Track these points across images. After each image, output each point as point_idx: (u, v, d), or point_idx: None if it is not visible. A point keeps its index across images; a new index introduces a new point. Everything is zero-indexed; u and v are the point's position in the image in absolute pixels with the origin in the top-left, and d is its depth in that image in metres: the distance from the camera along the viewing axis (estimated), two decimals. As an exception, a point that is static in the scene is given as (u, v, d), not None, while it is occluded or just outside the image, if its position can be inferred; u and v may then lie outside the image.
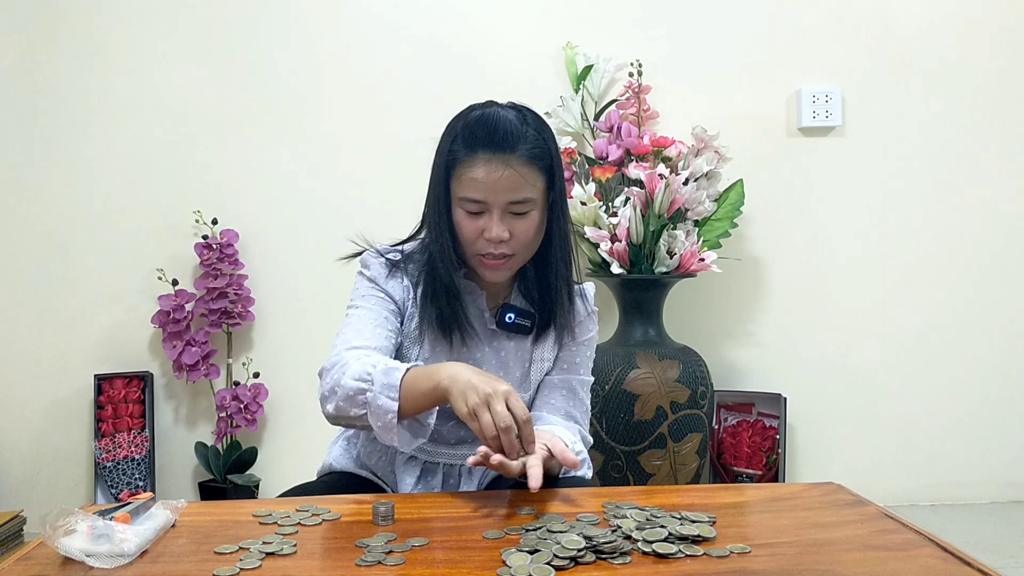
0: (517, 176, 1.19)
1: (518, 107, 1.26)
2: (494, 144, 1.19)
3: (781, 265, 2.67)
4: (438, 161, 1.26)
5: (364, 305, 1.28)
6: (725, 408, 2.56)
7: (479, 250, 1.23)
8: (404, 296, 1.30)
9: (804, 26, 2.64)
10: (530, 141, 1.21)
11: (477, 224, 1.22)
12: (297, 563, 0.88)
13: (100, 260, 2.58)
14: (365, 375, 1.12)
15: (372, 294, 1.29)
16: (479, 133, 1.20)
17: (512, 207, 1.21)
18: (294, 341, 2.61)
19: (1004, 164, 2.67)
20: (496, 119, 1.21)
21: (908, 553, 0.89)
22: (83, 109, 2.57)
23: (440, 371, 1.09)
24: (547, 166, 1.23)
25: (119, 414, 2.52)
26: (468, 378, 1.06)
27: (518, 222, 1.22)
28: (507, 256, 1.23)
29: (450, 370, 1.08)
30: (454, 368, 1.09)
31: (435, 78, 2.60)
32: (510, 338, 1.32)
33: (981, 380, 2.68)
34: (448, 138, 1.24)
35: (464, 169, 1.21)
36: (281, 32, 2.60)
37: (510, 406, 1.03)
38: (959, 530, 2.43)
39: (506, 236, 1.21)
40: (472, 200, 1.21)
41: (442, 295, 1.26)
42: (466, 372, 1.07)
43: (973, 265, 2.68)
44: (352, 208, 2.57)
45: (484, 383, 1.05)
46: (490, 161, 1.19)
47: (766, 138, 2.65)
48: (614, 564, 0.86)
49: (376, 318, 1.26)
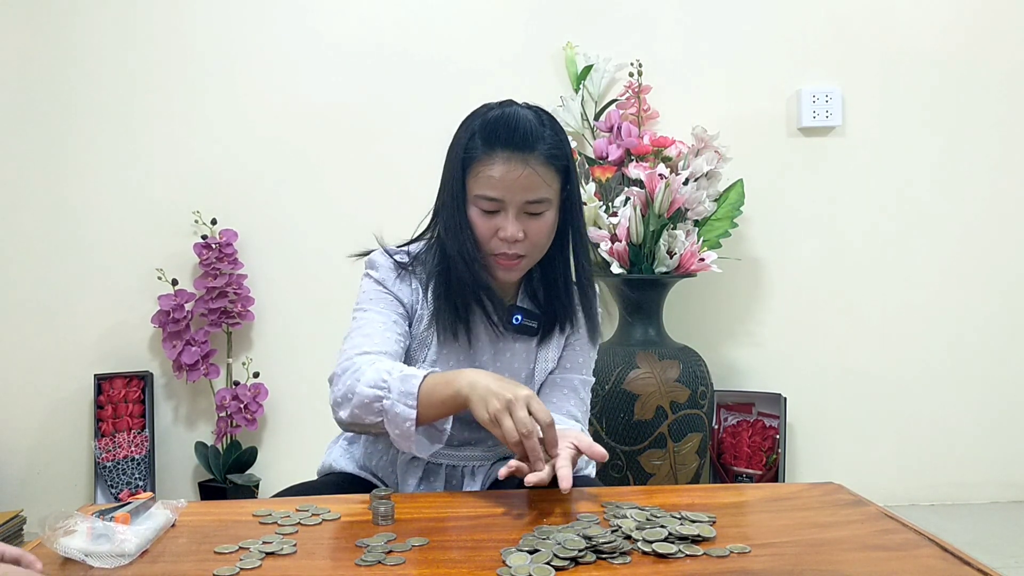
0: (535, 176, 1.20)
1: (534, 108, 1.27)
2: (514, 143, 1.19)
3: (781, 265, 2.67)
4: (453, 158, 1.25)
5: (372, 308, 1.26)
6: (725, 408, 2.56)
7: (492, 249, 1.23)
8: (412, 299, 1.29)
9: (804, 26, 2.64)
10: (548, 141, 1.22)
11: (492, 223, 1.22)
12: (297, 563, 0.88)
13: (100, 260, 2.58)
14: (381, 382, 1.11)
15: (380, 297, 1.28)
16: (500, 131, 1.20)
17: (528, 207, 1.21)
18: (294, 341, 2.61)
19: (1004, 164, 2.67)
20: (516, 118, 1.21)
21: (908, 553, 0.89)
22: (82, 110, 2.57)
23: (459, 378, 1.08)
24: (563, 167, 1.24)
25: (119, 414, 2.52)
26: (488, 384, 1.05)
27: (533, 222, 1.22)
28: (520, 256, 1.23)
29: (469, 377, 1.07)
30: (473, 375, 1.07)
31: (435, 77, 2.60)
32: (516, 339, 1.32)
33: (981, 380, 2.68)
34: (465, 135, 1.24)
35: (482, 167, 1.21)
36: (280, 32, 2.60)
37: (532, 411, 1.02)
38: (959, 530, 2.43)
39: (520, 236, 1.21)
40: (488, 198, 1.21)
41: (459, 294, 1.25)
42: (485, 378, 1.06)
43: (973, 265, 2.68)
44: (351, 207, 2.58)
45: (504, 389, 1.04)
46: (509, 160, 1.19)
47: (766, 138, 2.65)
48: (614, 564, 0.86)
49: (385, 321, 1.24)
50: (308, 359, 2.55)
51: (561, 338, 1.35)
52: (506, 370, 1.32)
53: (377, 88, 2.61)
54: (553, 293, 1.31)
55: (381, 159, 2.61)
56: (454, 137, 1.26)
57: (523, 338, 1.32)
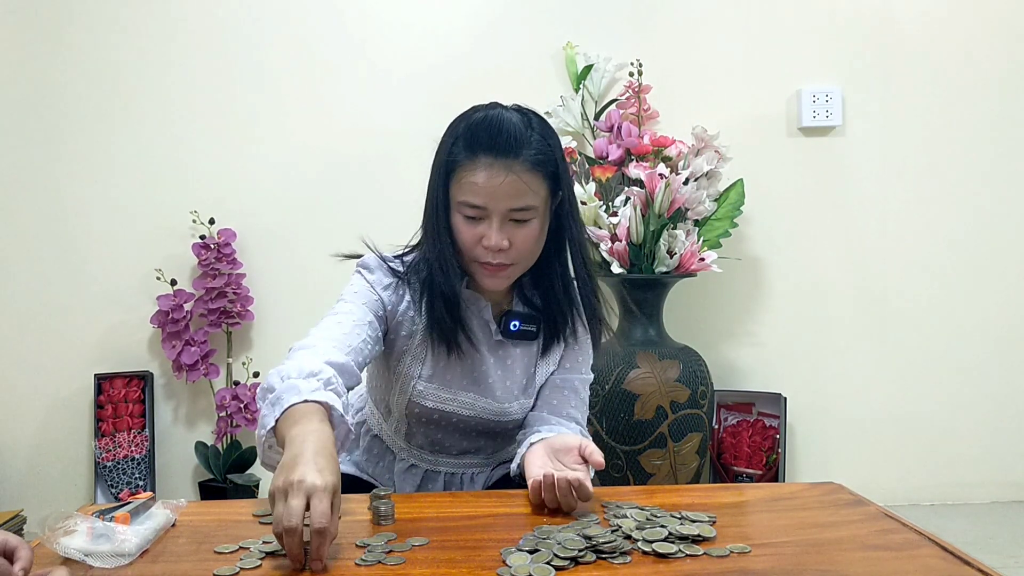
0: (519, 182, 1.15)
1: (523, 110, 1.22)
2: (497, 148, 1.15)
3: (781, 265, 2.67)
4: (437, 163, 1.22)
5: (354, 302, 1.24)
6: (725, 408, 2.56)
7: (477, 257, 1.19)
8: (401, 309, 1.26)
9: (804, 26, 2.64)
10: (534, 146, 1.17)
11: (476, 230, 1.18)
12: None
13: (99, 260, 2.58)
14: (280, 378, 1.04)
15: (366, 295, 1.25)
16: (481, 136, 1.16)
17: (513, 214, 1.17)
18: (294, 340, 2.59)
19: (1004, 164, 2.67)
20: (500, 122, 1.17)
21: (908, 553, 0.89)
22: (82, 110, 2.57)
23: (296, 433, 0.94)
24: (551, 173, 1.19)
25: (119, 414, 2.52)
26: (295, 455, 0.90)
27: (518, 230, 1.18)
28: (505, 265, 1.20)
29: (297, 440, 0.92)
30: (302, 438, 0.92)
31: (435, 77, 2.60)
32: (515, 345, 1.30)
33: (981, 380, 2.68)
34: (449, 139, 1.20)
35: (464, 173, 1.17)
36: (279, 31, 2.60)
37: (312, 507, 0.85)
38: (959, 530, 2.43)
39: (505, 245, 1.17)
40: (471, 205, 1.17)
41: (443, 306, 1.21)
42: (301, 447, 0.91)
43: (973, 265, 2.68)
44: (350, 206, 2.57)
45: (300, 468, 0.87)
46: (492, 166, 1.15)
47: (766, 138, 2.65)
48: (614, 564, 0.87)
49: (360, 320, 1.21)
50: (308, 359, 2.55)
51: (561, 344, 1.33)
52: (507, 377, 1.30)
53: (376, 88, 2.61)
54: (551, 300, 1.28)
55: (379, 157, 2.60)
56: (440, 141, 1.23)
57: (523, 343, 1.30)
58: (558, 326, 1.29)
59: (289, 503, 0.85)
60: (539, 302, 1.30)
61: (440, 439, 1.32)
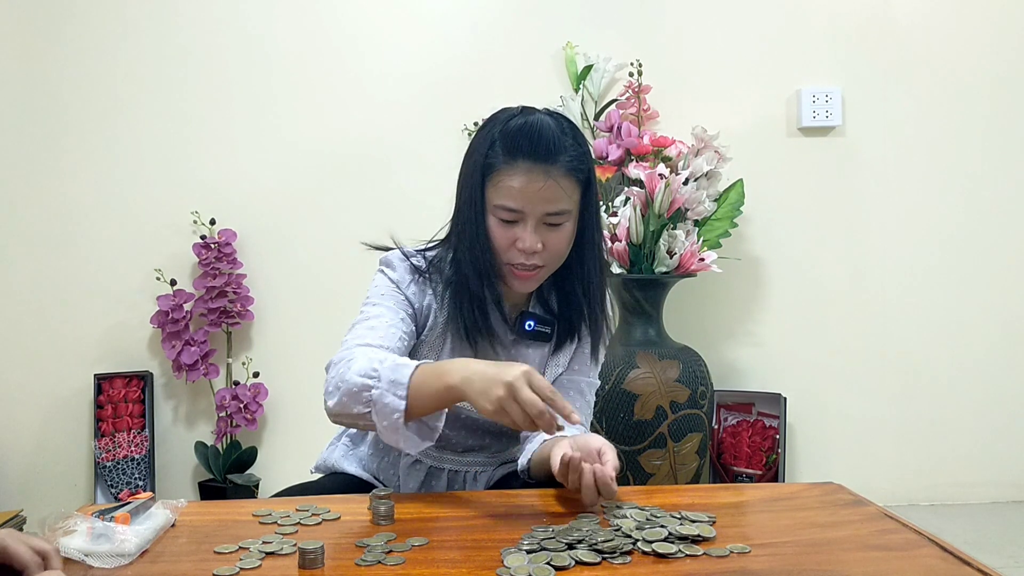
0: (556, 187, 1.17)
1: (555, 115, 1.23)
2: (536, 154, 1.17)
3: (781, 265, 2.67)
4: (471, 166, 1.22)
5: (382, 303, 1.24)
6: (725, 408, 2.56)
7: (510, 259, 1.21)
8: (425, 303, 1.27)
9: (804, 26, 2.64)
10: (570, 152, 1.19)
11: (510, 233, 1.19)
12: (297, 563, 0.87)
13: (99, 260, 2.58)
14: (371, 371, 1.07)
15: (392, 294, 1.25)
16: (521, 142, 1.18)
17: (548, 218, 1.18)
18: (294, 340, 2.61)
19: (1003, 164, 2.67)
20: (540, 128, 1.18)
21: (908, 553, 0.89)
22: (82, 110, 2.57)
23: (450, 371, 1.04)
24: (585, 178, 1.21)
25: (119, 414, 2.52)
26: (483, 373, 1.02)
27: (552, 233, 1.20)
28: (538, 267, 1.21)
29: (461, 371, 1.03)
30: (463, 367, 1.04)
31: (435, 77, 2.60)
32: (528, 345, 1.31)
33: (981, 380, 2.68)
34: (484, 143, 1.21)
35: (502, 177, 1.18)
36: (279, 31, 2.60)
37: (534, 387, 0.99)
38: (959, 530, 2.43)
39: (539, 247, 1.19)
40: (508, 208, 1.18)
41: (469, 304, 1.23)
42: (478, 368, 1.03)
43: (972, 265, 2.68)
44: (350, 206, 2.58)
45: (501, 372, 1.00)
46: (531, 171, 1.16)
47: (766, 138, 2.65)
48: (614, 564, 0.86)
49: (392, 319, 1.22)
50: (308, 358, 2.54)
51: (573, 344, 1.34)
52: None
53: (376, 87, 2.61)
54: (571, 301, 1.29)
55: (379, 157, 2.61)
56: (472, 143, 1.24)
57: (537, 344, 1.31)
58: (573, 328, 1.30)
59: (522, 398, 0.98)
60: (555, 303, 1.31)
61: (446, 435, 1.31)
